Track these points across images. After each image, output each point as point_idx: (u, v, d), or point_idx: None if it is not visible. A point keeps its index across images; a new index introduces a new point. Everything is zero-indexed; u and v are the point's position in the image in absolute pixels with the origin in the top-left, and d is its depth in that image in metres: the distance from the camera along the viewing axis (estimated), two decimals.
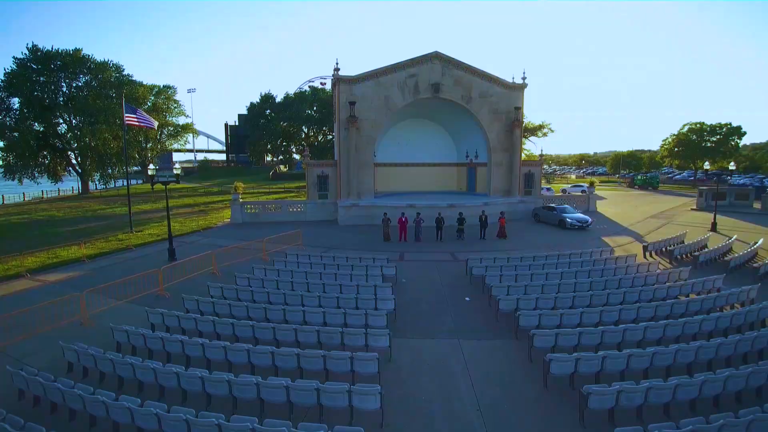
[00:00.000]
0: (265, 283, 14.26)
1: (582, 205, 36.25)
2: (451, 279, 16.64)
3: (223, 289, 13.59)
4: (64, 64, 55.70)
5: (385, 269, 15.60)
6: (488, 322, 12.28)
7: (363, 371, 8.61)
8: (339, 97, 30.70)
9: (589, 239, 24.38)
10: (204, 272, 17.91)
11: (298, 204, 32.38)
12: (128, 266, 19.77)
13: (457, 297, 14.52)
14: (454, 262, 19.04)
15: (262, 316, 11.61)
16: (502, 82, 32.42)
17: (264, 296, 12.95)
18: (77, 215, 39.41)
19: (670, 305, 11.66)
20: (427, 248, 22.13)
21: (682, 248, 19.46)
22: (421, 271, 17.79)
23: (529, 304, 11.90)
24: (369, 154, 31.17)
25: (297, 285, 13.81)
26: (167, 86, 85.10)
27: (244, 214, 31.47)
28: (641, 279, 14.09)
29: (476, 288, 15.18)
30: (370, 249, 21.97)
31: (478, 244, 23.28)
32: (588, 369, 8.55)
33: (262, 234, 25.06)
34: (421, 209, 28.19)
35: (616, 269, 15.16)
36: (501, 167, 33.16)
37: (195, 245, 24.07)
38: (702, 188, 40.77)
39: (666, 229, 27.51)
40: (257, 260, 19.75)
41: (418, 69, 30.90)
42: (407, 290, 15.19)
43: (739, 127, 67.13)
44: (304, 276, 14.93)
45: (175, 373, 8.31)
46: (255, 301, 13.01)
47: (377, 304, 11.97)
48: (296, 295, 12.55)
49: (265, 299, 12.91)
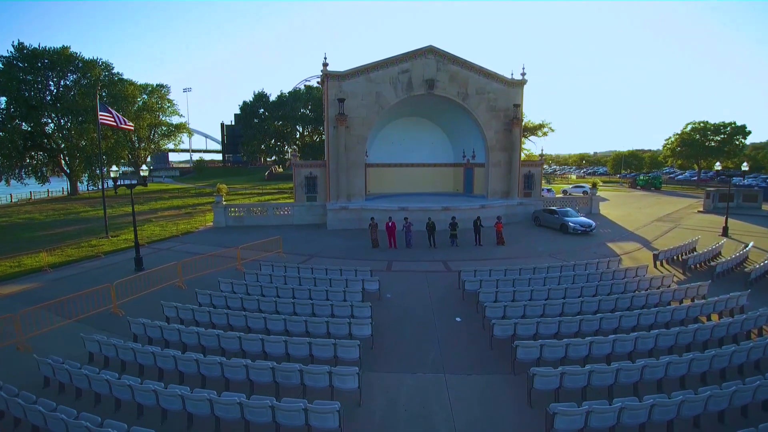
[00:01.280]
0: (228, 301, 12.57)
1: (584, 207, 34.58)
2: (442, 293, 14.92)
3: (178, 309, 11.91)
4: (51, 62, 54.29)
5: (368, 284, 13.91)
6: (481, 351, 10.55)
7: (320, 426, 6.91)
8: (328, 93, 29.00)
9: (593, 245, 22.69)
10: (169, 284, 16.25)
11: (285, 207, 30.68)
12: (92, 276, 18.13)
13: (447, 317, 12.80)
14: (447, 273, 17.30)
15: (215, 344, 9.93)
16: (501, 77, 30.70)
17: (224, 318, 11.27)
18: (59, 218, 37.82)
19: (692, 332, 9.96)
20: (419, 256, 20.42)
21: (695, 257, 17.76)
22: (409, 283, 16.08)
23: (529, 329, 10.21)
24: (359, 153, 29.46)
25: (264, 303, 12.13)
26: (160, 85, 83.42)
27: (227, 218, 29.77)
28: (656, 296, 12.40)
29: (469, 305, 13.48)
30: (357, 257, 20.30)
31: (473, 251, 21.58)
32: (601, 423, 6.86)
33: (244, 239, 23.45)
34: (413, 212, 26.56)
35: (627, 284, 13.45)
36: (499, 167, 31.45)
37: (169, 252, 22.41)
38: (709, 189, 39.07)
39: (674, 234, 25.83)
40: (231, 270, 18.07)
41: (411, 64, 29.18)
42: (391, 308, 13.48)
43: (743, 126, 65.59)
44: (275, 292, 13.25)
45: None
46: (214, 324, 11.35)
47: (352, 329, 10.29)
48: (259, 318, 10.85)
49: (224, 322, 11.24)
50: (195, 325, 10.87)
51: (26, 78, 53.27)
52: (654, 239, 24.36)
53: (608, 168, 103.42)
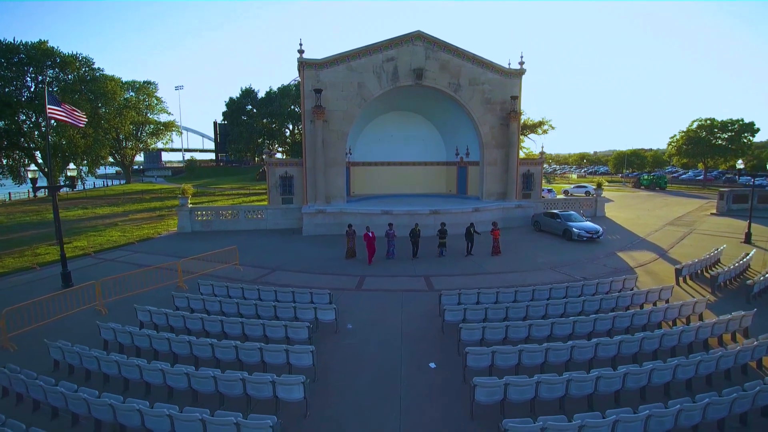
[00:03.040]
0: (135, 338, 9.65)
1: (588, 209, 31.64)
2: (418, 323, 11.94)
3: (64, 352, 8.99)
4: (28, 57, 51.51)
5: (322, 312, 10.96)
6: (459, 421, 7.55)
7: None
8: (304, 84, 26.08)
9: (603, 255, 19.75)
10: (89, 307, 13.35)
11: (258, 210, 27.71)
12: (11, 295, 15.21)
13: (419, 360, 9.81)
14: (427, 294, 14.26)
15: (84, 409, 7.02)
16: (497, 66, 27.72)
17: (114, 367, 8.34)
18: (24, 221, 34.85)
19: (751, 398, 7.04)
20: (399, 270, 17.42)
21: (725, 273, 14.80)
22: (379, 307, 13.11)
23: (525, 392, 7.27)
24: (339, 150, 26.49)
25: (176, 344, 9.19)
26: (148, 82, 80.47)
27: (193, 223, 26.81)
28: (691, 333, 9.46)
29: (449, 340, 10.53)
30: (327, 270, 17.35)
31: (463, 263, 18.60)
32: None
33: (203, 248, 20.56)
34: (398, 216, 23.61)
35: (651, 314, 10.52)
36: (495, 166, 28.49)
37: (114, 264, 19.46)
38: (722, 190, 36.13)
39: (691, 241, 22.91)
40: (170, 288, 15.11)
41: (397, 51, 26.20)
42: (346, 348, 10.47)
43: (752, 123, 62.69)
44: (200, 324, 10.33)
45: None
46: (104, 373, 8.45)
47: (277, 390, 7.36)
48: (155, 372, 7.90)
49: (115, 370, 8.32)
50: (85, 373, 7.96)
51: (2, 74, 50.41)
52: (670, 247, 21.42)
53: (609, 167, 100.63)
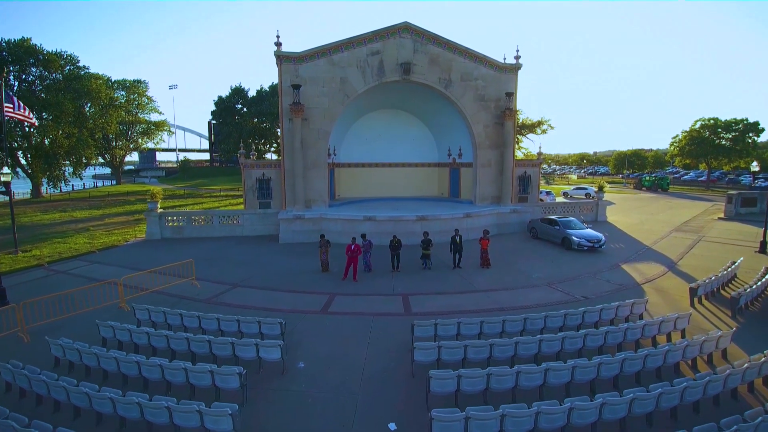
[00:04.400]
0: (33, 384, 7.70)
1: (589, 213, 29.74)
2: (385, 360, 9.89)
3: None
4: (11, 55, 49.99)
5: (265, 350, 8.98)
6: None
7: None
8: (281, 79, 24.16)
9: (605, 269, 17.79)
10: (12, 333, 11.38)
11: (233, 215, 25.74)
12: None
13: (378, 419, 7.74)
14: (402, 319, 12.20)
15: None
16: (491, 61, 25.77)
17: None
18: None
19: None
20: (375, 286, 15.37)
21: (747, 294, 12.85)
22: (342, 337, 11.09)
23: None
24: (321, 151, 24.55)
25: (75, 394, 7.25)
26: (138, 81, 78.53)
27: (163, 229, 24.84)
28: (718, 384, 7.53)
29: (419, 388, 8.50)
30: (294, 287, 15.35)
31: (448, 277, 16.60)
32: None
33: (172, 258, 18.65)
34: (382, 223, 21.71)
35: (667, 355, 8.58)
36: (489, 168, 26.55)
37: (66, 277, 17.46)
38: (731, 193, 34.26)
39: (701, 251, 20.97)
40: (111, 308, 13.15)
41: (383, 44, 24.25)
42: (293, 394, 8.52)
43: (756, 122, 61.00)
44: (115, 365, 8.38)
45: None
46: None
47: None
48: None
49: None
50: None
51: None
52: (679, 258, 19.47)
53: (610, 168, 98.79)
